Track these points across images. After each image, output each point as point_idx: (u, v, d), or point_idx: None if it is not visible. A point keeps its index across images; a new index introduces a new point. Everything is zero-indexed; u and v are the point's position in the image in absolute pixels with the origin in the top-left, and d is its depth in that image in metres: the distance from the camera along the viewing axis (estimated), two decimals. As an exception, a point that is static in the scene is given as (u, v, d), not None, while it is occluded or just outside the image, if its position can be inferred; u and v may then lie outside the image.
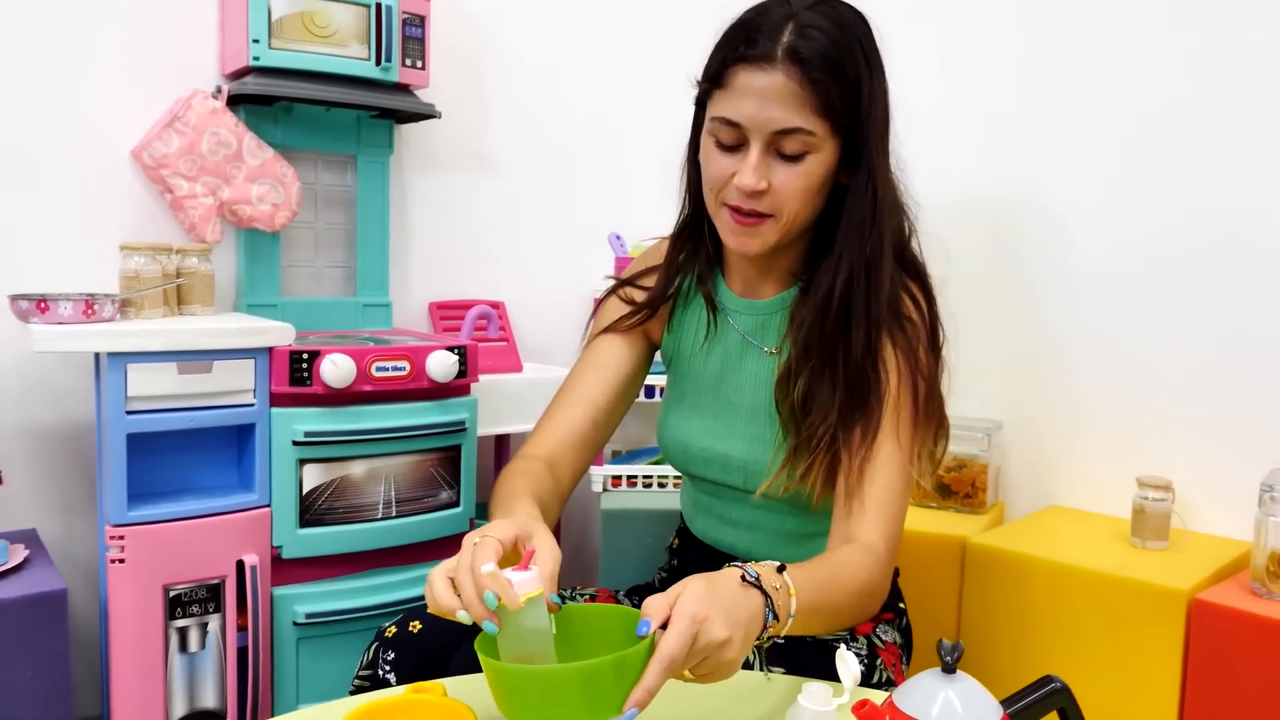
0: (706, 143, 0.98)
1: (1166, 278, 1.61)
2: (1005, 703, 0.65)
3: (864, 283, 0.95)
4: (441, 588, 0.74)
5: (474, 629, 0.71)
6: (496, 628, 0.70)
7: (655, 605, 0.70)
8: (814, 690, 0.70)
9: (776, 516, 1.07)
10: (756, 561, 0.79)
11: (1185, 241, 1.59)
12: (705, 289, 1.10)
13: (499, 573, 0.72)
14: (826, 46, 0.91)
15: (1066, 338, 1.73)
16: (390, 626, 1.01)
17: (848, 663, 0.70)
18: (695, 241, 1.10)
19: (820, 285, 0.97)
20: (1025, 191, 1.78)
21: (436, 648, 0.98)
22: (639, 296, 1.12)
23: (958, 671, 0.64)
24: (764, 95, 0.91)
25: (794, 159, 0.94)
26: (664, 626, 0.68)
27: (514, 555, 0.78)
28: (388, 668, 0.97)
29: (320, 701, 1.49)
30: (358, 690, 0.98)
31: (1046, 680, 0.68)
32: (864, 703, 0.61)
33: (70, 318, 1.38)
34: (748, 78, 0.92)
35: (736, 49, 0.93)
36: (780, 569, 0.79)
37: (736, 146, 0.95)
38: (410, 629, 1.00)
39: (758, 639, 0.74)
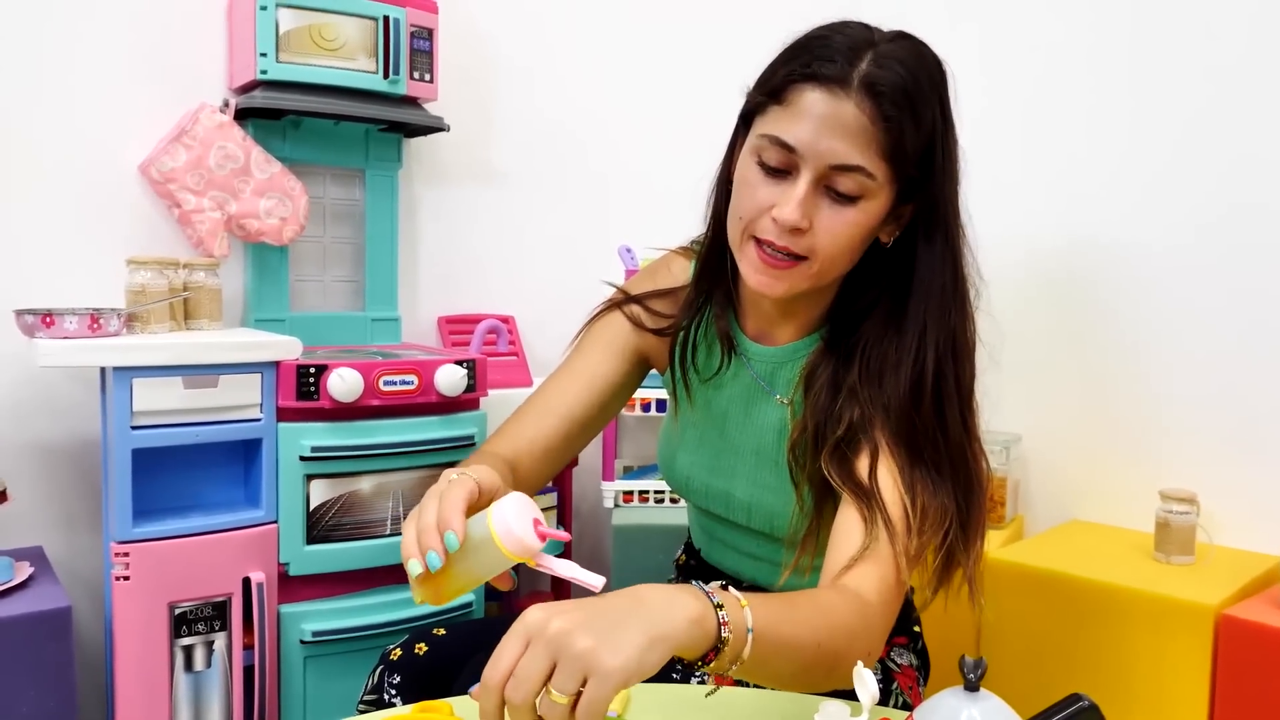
0: (747, 163, 0.87)
1: (1190, 286, 1.58)
2: (1030, 723, 0.62)
3: (951, 359, 0.86)
4: (410, 538, 0.72)
5: (480, 645, 0.68)
6: (419, 567, 0.69)
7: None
8: (831, 709, 0.67)
9: (778, 549, 1.00)
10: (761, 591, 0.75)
11: (1211, 250, 1.56)
12: (723, 326, 1.01)
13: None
14: (907, 83, 0.81)
15: (1086, 347, 1.70)
16: (395, 649, 0.99)
17: (865, 681, 0.67)
18: (716, 275, 1.00)
19: (902, 364, 0.86)
20: (1042, 197, 1.75)
21: (442, 668, 0.96)
22: (648, 321, 1.04)
23: (981, 689, 0.61)
24: (829, 122, 0.81)
25: (845, 200, 0.84)
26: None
27: (484, 505, 0.75)
28: (393, 691, 0.95)
29: (329, 718, 1.48)
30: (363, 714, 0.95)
31: (1074, 699, 0.65)
32: None
33: (76, 332, 1.37)
34: (814, 98, 0.81)
35: (807, 65, 0.82)
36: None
37: (782, 173, 0.85)
38: (415, 650, 0.98)
39: (705, 662, 0.64)
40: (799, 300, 0.94)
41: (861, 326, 0.92)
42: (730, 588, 0.67)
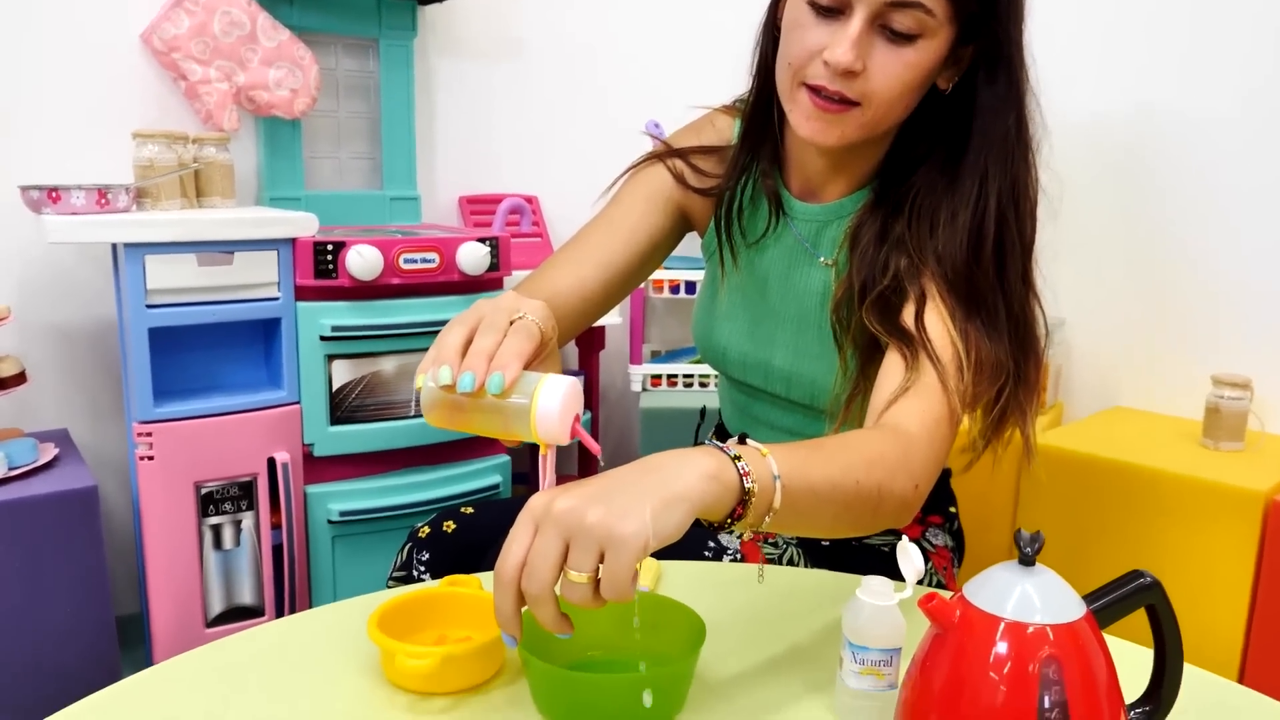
0: (796, 4, 0.81)
1: (1251, 168, 1.47)
2: (1088, 598, 0.58)
3: (1013, 208, 0.81)
4: (455, 343, 0.64)
5: (509, 524, 0.64)
6: (450, 377, 0.62)
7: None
8: (874, 584, 0.63)
9: (818, 422, 0.96)
10: None
11: (1276, 131, 1.45)
12: (770, 185, 0.95)
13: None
14: None
15: (1138, 227, 1.61)
16: (423, 526, 0.96)
17: (910, 555, 0.62)
18: (762, 131, 0.93)
19: (959, 214, 0.81)
20: (1105, 61, 1.63)
21: (471, 546, 0.94)
22: (691, 178, 0.98)
23: (1036, 564, 0.56)
24: None
25: (902, 40, 0.78)
26: None
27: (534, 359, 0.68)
28: (422, 568, 0.93)
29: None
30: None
31: (1135, 575, 0.60)
32: (932, 596, 0.54)
33: (83, 208, 1.32)
34: None
35: None
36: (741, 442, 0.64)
37: (833, 13, 0.78)
38: (444, 528, 0.96)
39: (734, 520, 0.58)
40: (849, 153, 0.88)
41: (913, 176, 0.85)
42: (750, 440, 0.62)
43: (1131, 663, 0.60)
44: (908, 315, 0.80)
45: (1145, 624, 0.60)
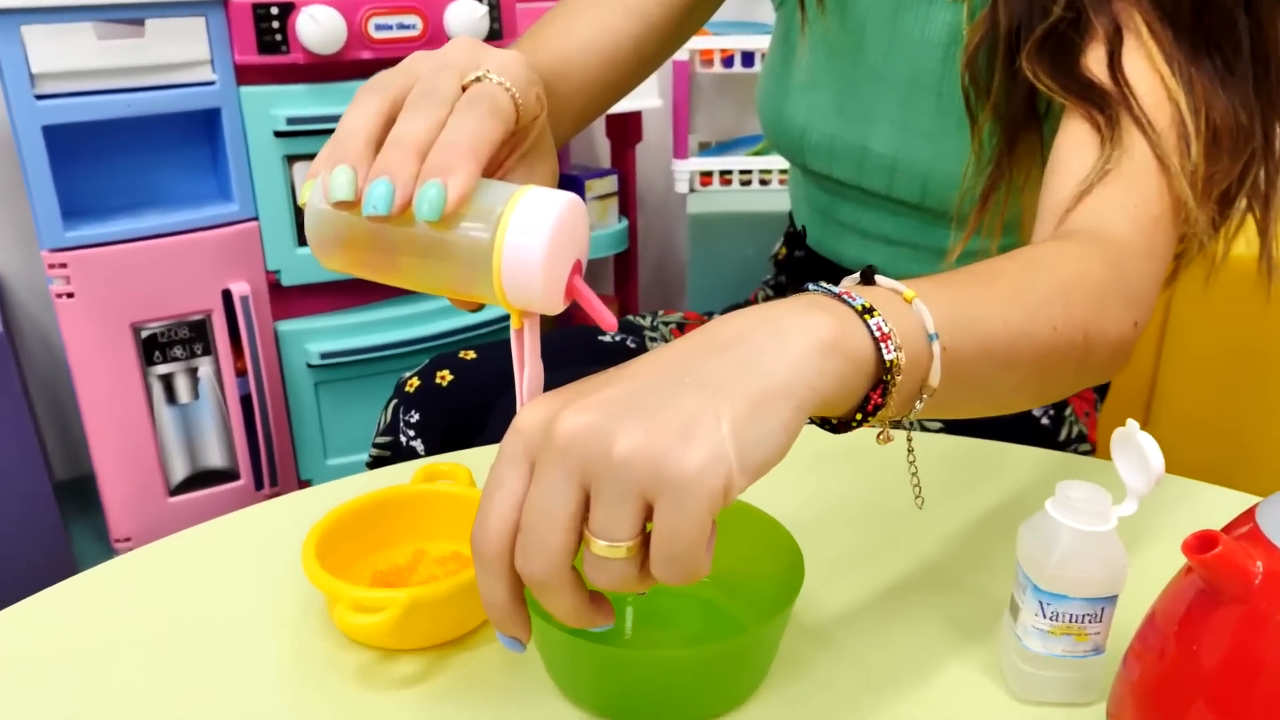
0: None
1: None
2: None
3: None
4: (362, 127, 0.38)
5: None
6: (347, 191, 0.36)
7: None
8: (1077, 493, 0.39)
9: (931, 228, 0.77)
10: None
11: None
12: None
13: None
14: None
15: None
16: (412, 378, 0.78)
17: (1139, 446, 0.39)
18: None
19: None
20: None
21: (471, 403, 0.76)
22: None
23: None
24: None
25: None
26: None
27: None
28: (411, 433, 0.75)
29: (353, 454, 1.27)
30: (376, 463, 0.76)
31: None
32: (1205, 538, 0.33)
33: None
34: None
35: None
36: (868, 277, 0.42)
37: None
38: (437, 380, 0.76)
39: (867, 414, 0.37)
40: None
41: None
42: (878, 274, 0.40)
43: None
44: (1095, 61, 0.59)
45: None
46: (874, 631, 0.45)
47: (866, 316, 0.36)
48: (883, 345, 0.35)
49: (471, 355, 0.80)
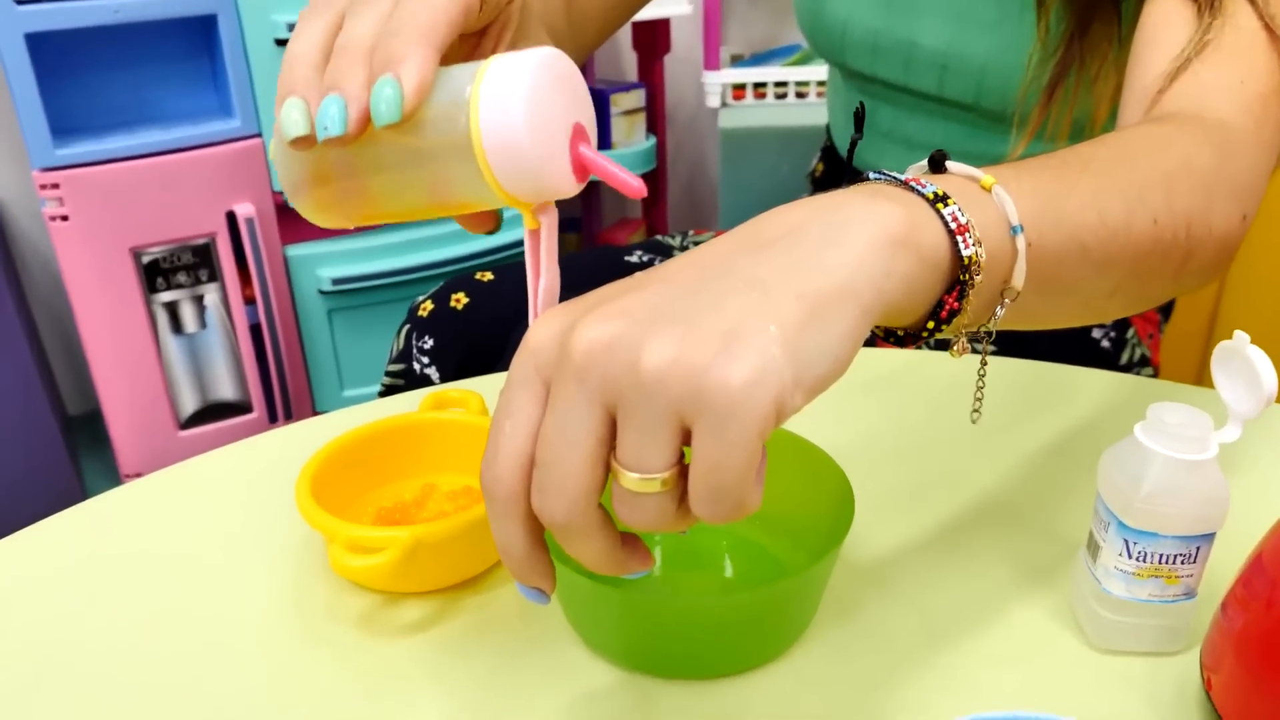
0: None
1: None
2: None
3: None
4: (307, 53, 0.34)
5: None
6: (301, 127, 0.32)
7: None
8: (1170, 416, 0.35)
9: (986, 135, 0.70)
10: None
11: None
12: None
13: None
14: None
15: None
16: (425, 301, 0.74)
17: (1253, 364, 0.34)
18: None
19: None
20: None
21: (488, 327, 0.74)
22: None
23: None
24: None
25: None
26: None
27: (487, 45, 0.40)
28: (425, 360, 0.73)
29: (371, 385, 1.23)
30: (388, 393, 0.73)
31: None
32: None
33: None
34: None
35: None
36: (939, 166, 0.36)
37: None
38: (452, 303, 0.74)
39: (941, 323, 0.32)
40: None
41: None
42: (949, 160, 0.34)
43: None
44: None
45: None
46: (930, 572, 0.41)
47: (940, 205, 0.31)
48: (959, 239, 0.31)
49: (489, 276, 0.77)
